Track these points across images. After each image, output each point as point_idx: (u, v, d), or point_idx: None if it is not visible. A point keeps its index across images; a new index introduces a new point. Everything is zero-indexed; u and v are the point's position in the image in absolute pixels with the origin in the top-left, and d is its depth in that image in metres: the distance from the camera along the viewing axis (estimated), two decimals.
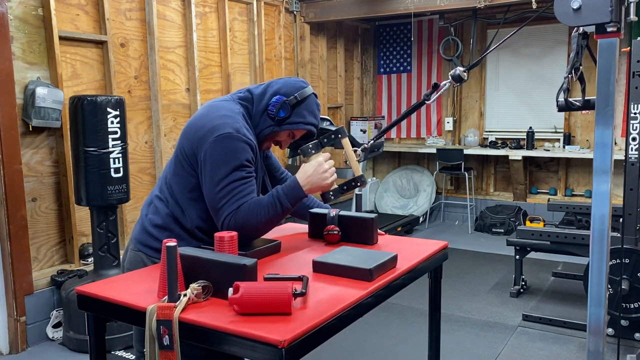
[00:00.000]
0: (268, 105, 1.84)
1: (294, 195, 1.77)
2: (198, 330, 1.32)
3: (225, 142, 1.70)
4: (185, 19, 4.55)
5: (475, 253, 5.43)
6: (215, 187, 1.71)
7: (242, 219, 1.71)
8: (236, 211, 1.71)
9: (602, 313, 1.41)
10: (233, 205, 1.71)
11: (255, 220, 1.72)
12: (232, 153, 1.71)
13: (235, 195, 1.71)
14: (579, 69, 1.58)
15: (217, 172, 1.71)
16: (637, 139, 3.21)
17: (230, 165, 1.70)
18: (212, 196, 1.72)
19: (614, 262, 3.23)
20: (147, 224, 1.88)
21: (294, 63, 5.93)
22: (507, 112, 6.58)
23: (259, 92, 1.88)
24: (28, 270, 3.41)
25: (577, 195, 6.24)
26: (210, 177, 1.72)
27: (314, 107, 1.91)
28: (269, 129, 1.85)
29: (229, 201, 1.71)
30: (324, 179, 1.79)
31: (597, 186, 1.38)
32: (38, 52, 3.51)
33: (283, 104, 1.82)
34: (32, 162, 3.51)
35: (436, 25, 6.62)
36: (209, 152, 1.71)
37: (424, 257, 1.88)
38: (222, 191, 1.71)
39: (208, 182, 1.73)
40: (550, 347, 3.33)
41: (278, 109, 1.82)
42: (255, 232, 1.76)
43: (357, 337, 3.50)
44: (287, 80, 1.89)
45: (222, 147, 1.70)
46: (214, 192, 1.71)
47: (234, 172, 1.71)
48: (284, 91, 1.85)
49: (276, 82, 1.89)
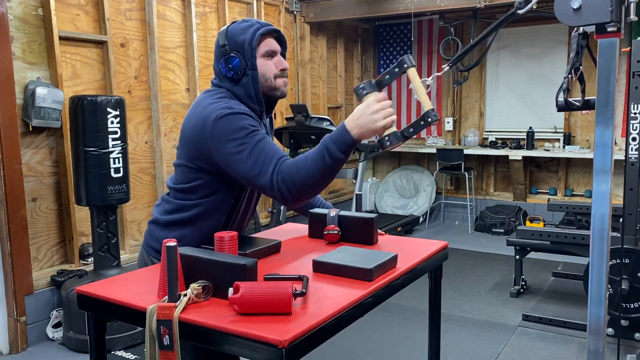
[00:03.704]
0: (227, 75, 1.74)
1: (343, 142, 1.56)
2: (198, 330, 1.32)
3: (222, 122, 1.63)
4: (185, 19, 4.55)
5: (475, 253, 5.42)
6: (243, 160, 1.60)
7: (290, 174, 1.57)
8: (279, 168, 1.58)
9: (602, 313, 1.41)
10: (271, 163, 1.58)
11: (304, 174, 1.56)
12: (234, 125, 1.62)
13: (267, 153, 1.60)
14: (579, 69, 1.58)
15: (236, 148, 1.61)
16: (637, 139, 3.21)
17: (241, 134, 1.61)
18: (246, 169, 1.60)
19: (614, 262, 3.23)
20: (150, 223, 1.89)
21: (294, 63, 5.93)
22: (507, 112, 6.58)
23: (216, 76, 1.81)
24: (28, 270, 3.41)
25: (577, 195, 6.24)
26: (233, 156, 1.61)
27: (240, 25, 1.75)
28: (248, 81, 1.74)
29: (265, 161, 1.59)
30: (374, 120, 1.55)
31: (597, 186, 1.38)
32: (38, 52, 3.51)
33: (227, 59, 1.72)
34: (32, 162, 3.51)
35: (436, 25, 6.62)
36: (216, 139, 1.63)
37: (424, 257, 1.87)
38: (251, 157, 1.59)
39: (234, 163, 1.62)
40: (550, 347, 3.33)
41: (228, 66, 1.73)
42: (307, 188, 1.58)
43: (357, 337, 3.49)
44: (215, 52, 1.80)
45: (223, 127, 1.63)
46: (245, 164, 1.60)
47: (249, 137, 1.61)
48: (219, 56, 1.76)
49: (214, 58, 1.81)
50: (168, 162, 4.41)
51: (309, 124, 4.75)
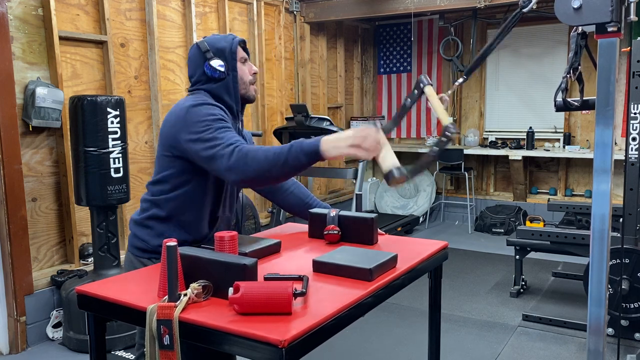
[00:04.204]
0: (213, 75, 1.87)
1: (310, 144, 1.59)
2: (198, 330, 1.32)
3: (195, 109, 1.76)
4: (185, 19, 4.55)
5: (475, 253, 5.42)
6: (203, 139, 1.69)
7: (246, 155, 1.62)
8: (239, 148, 1.64)
9: (602, 313, 1.41)
10: (231, 145, 1.65)
11: (262, 160, 1.60)
12: (205, 111, 1.75)
13: (227, 135, 1.69)
14: (577, 69, 1.58)
15: (200, 129, 1.71)
16: (637, 139, 3.21)
17: (208, 119, 1.73)
18: (204, 148, 1.68)
19: (614, 262, 3.23)
20: (131, 226, 1.97)
21: (294, 63, 5.93)
22: (507, 112, 6.58)
23: (194, 82, 1.93)
24: (28, 270, 3.41)
25: (577, 195, 6.24)
26: (196, 135, 1.71)
27: (216, 36, 1.94)
28: (229, 81, 1.89)
29: (224, 141, 1.67)
30: (345, 140, 1.58)
31: (597, 186, 1.38)
32: (38, 52, 3.51)
33: (211, 62, 1.87)
34: (32, 162, 3.51)
35: (436, 25, 6.62)
36: (187, 122, 1.74)
37: (423, 257, 1.88)
38: (212, 138, 1.68)
39: (197, 143, 1.70)
40: (550, 347, 3.33)
41: (213, 67, 1.87)
42: (259, 174, 1.62)
43: (357, 337, 3.49)
44: (192, 61, 1.93)
45: (194, 113, 1.75)
46: (204, 144, 1.68)
47: (214, 122, 1.72)
48: (201, 61, 1.90)
49: (191, 67, 1.93)
50: None
51: (309, 124, 4.75)
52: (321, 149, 1.58)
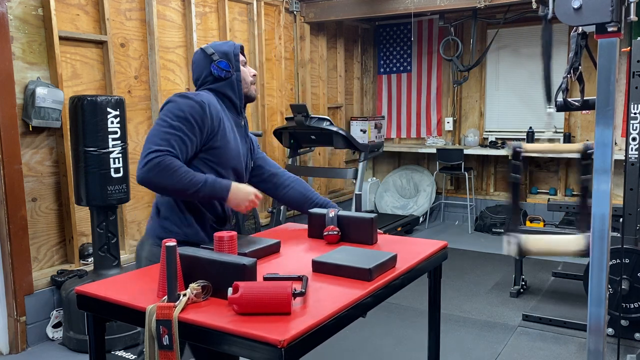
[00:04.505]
0: (220, 75, 2.04)
1: (219, 189, 1.89)
2: (197, 330, 1.32)
3: (168, 105, 1.95)
4: (185, 19, 4.55)
5: (475, 253, 5.42)
6: (152, 131, 1.89)
7: (164, 165, 1.80)
8: (165, 152, 1.81)
9: (602, 313, 1.41)
10: (163, 146, 1.83)
11: (172, 175, 1.80)
12: (175, 107, 1.92)
13: (170, 138, 1.85)
14: (577, 69, 1.58)
15: (158, 121, 1.91)
16: (637, 139, 3.21)
17: (170, 115, 1.90)
18: (147, 137, 1.88)
19: (614, 262, 3.23)
20: (156, 220, 2.02)
21: (294, 63, 5.93)
22: (507, 112, 6.57)
23: (201, 83, 2.10)
24: (28, 270, 3.41)
25: (577, 196, 6.24)
26: (148, 134, 1.89)
27: (219, 42, 2.14)
28: (234, 80, 2.07)
29: (163, 141, 1.84)
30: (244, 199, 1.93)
31: (597, 186, 1.38)
32: (38, 52, 3.51)
33: (218, 63, 2.04)
34: (32, 162, 3.51)
35: (436, 25, 6.62)
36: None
37: (423, 257, 1.88)
38: (156, 133, 1.87)
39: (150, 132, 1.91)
40: (550, 347, 3.33)
41: (219, 68, 2.05)
42: (162, 185, 1.82)
43: (356, 337, 3.49)
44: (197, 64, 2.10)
45: (166, 106, 1.95)
46: (150, 134, 1.88)
47: (172, 121, 1.88)
48: (207, 63, 2.07)
49: (197, 70, 2.11)
50: None
51: (309, 124, 4.75)
52: (228, 197, 1.91)
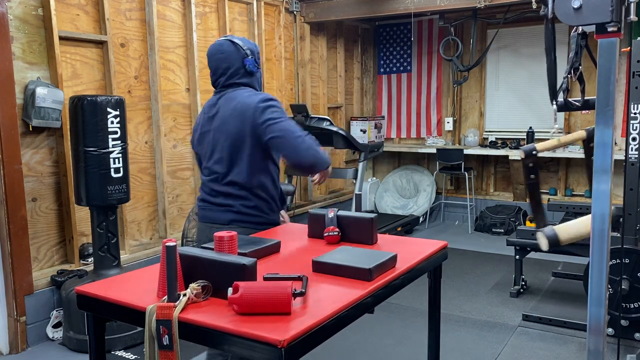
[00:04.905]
0: (253, 70, 2.28)
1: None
2: (198, 330, 1.32)
3: (275, 103, 2.19)
4: (185, 19, 4.55)
5: (475, 253, 5.42)
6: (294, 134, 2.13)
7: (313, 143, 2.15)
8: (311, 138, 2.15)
9: (602, 313, 1.41)
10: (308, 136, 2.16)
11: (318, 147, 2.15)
12: (280, 106, 2.20)
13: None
14: (578, 69, 1.58)
15: (285, 123, 2.14)
16: (637, 139, 3.21)
17: (285, 115, 2.19)
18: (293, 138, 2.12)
19: (614, 262, 3.23)
20: (241, 208, 2.21)
21: (294, 63, 5.93)
22: (507, 112, 6.57)
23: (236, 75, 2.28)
24: (28, 270, 3.41)
25: (577, 195, 6.24)
26: (286, 128, 2.13)
27: (244, 39, 2.35)
28: (260, 75, 2.36)
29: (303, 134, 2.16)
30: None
31: (597, 186, 1.38)
32: (38, 52, 3.51)
33: (251, 59, 2.27)
34: (32, 162, 3.51)
35: (436, 25, 6.62)
36: (265, 115, 2.13)
37: (423, 257, 1.88)
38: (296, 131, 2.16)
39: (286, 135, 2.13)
40: (550, 347, 3.33)
41: (254, 65, 2.29)
42: (315, 155, 2.14)
43: (356, 337, 3.49)
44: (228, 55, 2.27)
45: (276, 106, 2.18)
46: (294, 137, 2.12)
47: (290, 118, 2.21)
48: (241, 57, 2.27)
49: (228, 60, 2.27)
50: (168, 162, 4.41)
51: (309, 124, 4.75)
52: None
